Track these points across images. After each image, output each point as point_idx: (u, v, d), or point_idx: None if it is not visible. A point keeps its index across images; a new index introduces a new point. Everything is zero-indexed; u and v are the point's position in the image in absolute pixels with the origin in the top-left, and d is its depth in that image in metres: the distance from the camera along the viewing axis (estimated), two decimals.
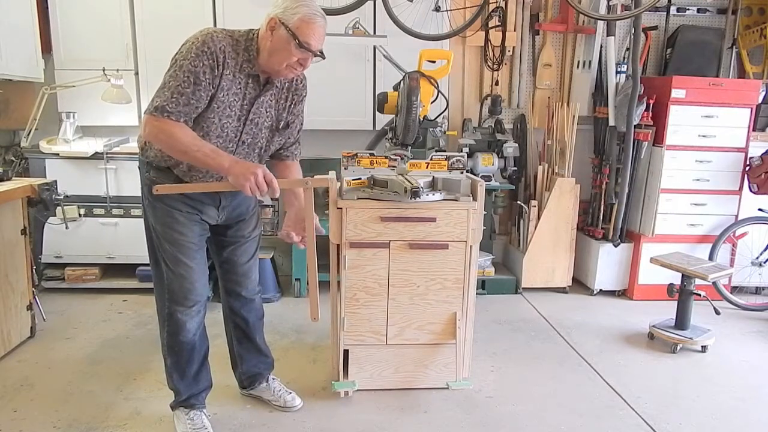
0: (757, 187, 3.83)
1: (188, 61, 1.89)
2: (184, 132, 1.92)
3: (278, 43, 1.94)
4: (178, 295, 2.15)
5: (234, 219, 2.27)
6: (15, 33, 3.43)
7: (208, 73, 1.91)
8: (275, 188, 1.94)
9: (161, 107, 1.89)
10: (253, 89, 2.04)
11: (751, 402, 2.71)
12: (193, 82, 1.89)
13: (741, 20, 4.32)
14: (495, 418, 2.49)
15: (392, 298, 2.57)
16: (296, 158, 2.33)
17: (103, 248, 3.79)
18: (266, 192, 1.92)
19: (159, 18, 3.78)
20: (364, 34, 3.83)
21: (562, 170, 4.08)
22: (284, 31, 1.91)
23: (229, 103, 1.99)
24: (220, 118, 2.00)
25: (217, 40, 1.92)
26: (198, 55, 1.89)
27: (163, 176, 2.08)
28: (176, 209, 2.08)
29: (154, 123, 1.91)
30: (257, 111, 2.08)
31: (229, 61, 1.95)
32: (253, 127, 2.09)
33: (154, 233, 2.15)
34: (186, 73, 1.89)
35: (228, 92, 1.98)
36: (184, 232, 2.10)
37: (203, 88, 1.91)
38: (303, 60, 1.97)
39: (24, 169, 3.76)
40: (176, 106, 1.89)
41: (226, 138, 2.04)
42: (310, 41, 1.93)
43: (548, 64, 4.35)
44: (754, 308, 3.90)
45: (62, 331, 3.25)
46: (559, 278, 4.14)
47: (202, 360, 2.31)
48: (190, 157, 1.94)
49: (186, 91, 1.89)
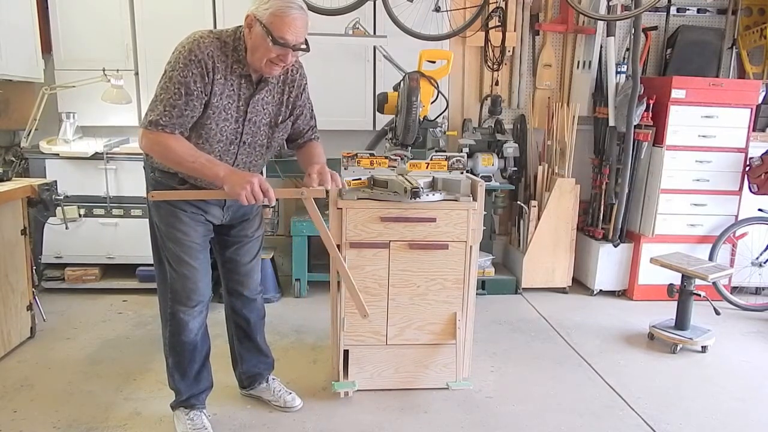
0: (757, 187, 3.83)
1: (177, 72, 1.88)
2: (179, 143, 1.92)
3: (256, 41, 1.90)
4: (180, 295, 2.15)
5: (238, 219, 2.28)
6: (15, 33, 3.43)
7: (199, 81, 1.90)
8: (271, 197, 1.93)
9: (155, 122, 1.89)
10: (246, 89, 2.03)
11: (751, 402, 2.71)
12: (184, 93, 1.88)
13: (741, 20, 4.32)
14: (495, 419, 2.49)
15: (392, 299, 2.57)
16: (317, 138, 2.32)
17: (103, 248, 3.78)
18: (262, 201, 1.91)
19: (159, 18, 3.78)
20: (364, 34, 3.83)
21: (562, 170, 4.08)
22: (260, 27, 1.88)
23: (224, 106, 1.98)
24: (218, 122, 1.99)
25: (203, 47, 1.91)
26: (186, 64, 1.88)
27: (168, 177, 2.09)
28: (180, 209, 2.08)
29: (149, 136, 1.92)
30: (254, 110, 2.07)
31: (218, 65, 1.93)
32: (252, 126, 2.09)
33: (158, 232, 2.16)
34: (176, 85, 1.88)
35: (221, 96, 1.97)
36: (187, 232, 2.10)
37: (195, 97, 1.91)
38: (282, 56, 1.91)
39: (24, 170, 3.75)
40: (170, 119, 1.89)
41: (227, 141, 2.04)
42: (285, 36, 1.86)
43: (548, 65, 4.35)
44: (754, 308, 3.89)
45: (62, 332, 3.25)
46: (559, 278, 4.14)
47: (203, 360, 2.31)
48: (187, 168, 1.94)
49: (178, 103, 1.89)
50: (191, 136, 1.99)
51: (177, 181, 2.08)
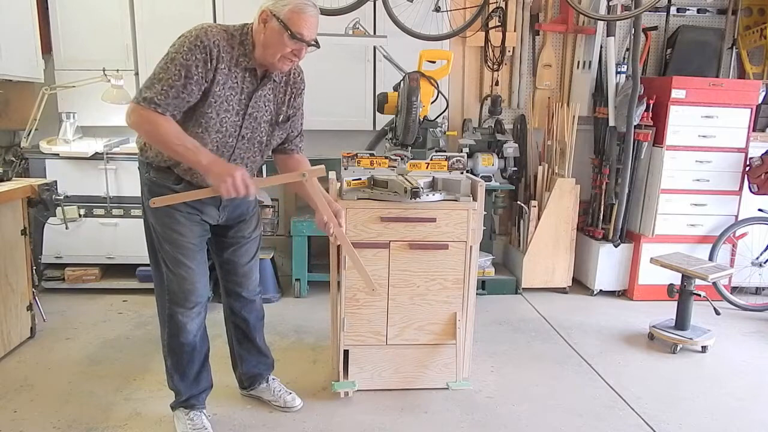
0: (757, 187, 3.83)
1: (181, 55, 1.89)
2: (169, 124, 1.91)
3: (271, 35, 1.94)
4: (178, 297, 2.15)
5: (235, 219, 2.27)
6: (15, 33, 3.43)
7: (201, 66, 1.91)
8: (251, 192, 1.93)
9: (150, 98, 1.89)
10: (250, 83, 2.04)
11: (751, 402, 2.71)
12: (184, 75, 1.89)
13: (741, 20, 4.32)
14: (495, 419, 2.49)
15: (392, 299, 2.57)
16: (301, 150, 2.32)
17: (103, 248, 3.79)
18: (243, 194, 1.90)
19: (159, 18, 3.78)
20: (364, 34, 3.83)
21: (562, 170, 4.08)
22: (276, 22, 1.91)
23: (226, 97, 1.99)
24: (218, 112, 1.99)
25: (210, 35, 1.93)
26: (191, 49, 1.89)
27: (164, 176, 2.08)
28: (176, 209, 2.07)
29: (140, 112, 1.91)
30: (255, 105, 2.07)
31: (223, 55, 1.95)
32: (252, 122, 2.09)
33: (154, 234, 2.15)
34: (178, 66, 1.89)
35: (224, 86, 1.98)
36: (184, 232, 2.10)
37: (195, 81, 1.91)
38: (297, 51, 1.96)
39: (24, 170, 3.75)
40: (165, 98, 1.89)
41: (226, 133, 2.04)
42: (302, 31, 1.92)
43: (548, 65, 4.35)
44: (754, 308, 3.90)
45: (62, 332, 3.25)
46: (559, 278, 4.14)
47: (202, 361, 2.31)
48: (171, 149, 1.93)
49: (176, 84, 1.89)
50: (190, 125, 1.99)
51: (173, 180, 2.08)
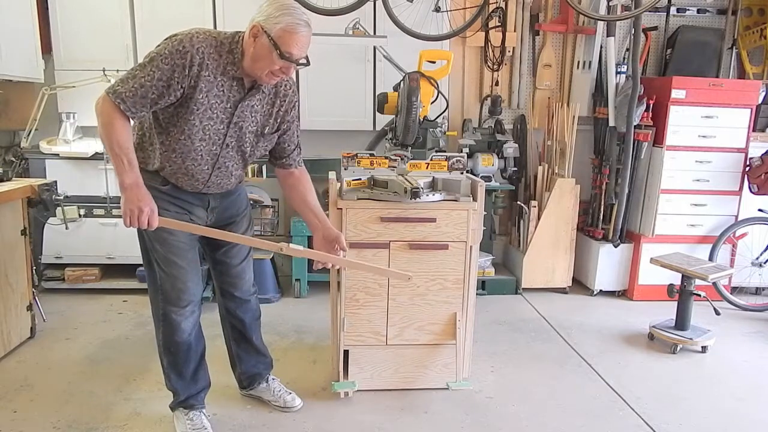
0: (757, 187, 3.83)
1: (161, 57, 1.89)
2: (123, 129, 1.92)
3: (261, 51, 1.91)
4: (171, 296, 2.15)
5: (225, 220, 2.27)
6: (15, 33, 3.43)
7: (178, 71, 1.89)
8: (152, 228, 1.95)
9: (119, 93, 1.89)
10: (237, 92, 2.02)
11: (751, 402, 2.71)
12: (157, 77, 1.88)
13: (741, 21, 4.32)
14: (495, 419, 2.49)
15: (392, 299, 2.57)
16: (300, 164, 2.31)
17: (103, 249, 3.79)
18: (143, 228, 1.93)
19: (159, 18, 3.77)
20: (364, 34, 3.83)
21: (562, 170, 4.08)
22: (266, 39, 1.89)
23: (210, 105, 1.98)
24: (202, 120, 1.98)
25: (196, 41, 1.91)
26: (171, 53, 1.89)
27: (151, 178, 2.07)
28: (165, 209, 2.07)
29: (107, 103, 1.91)
30: (241, 114, 2.05)
31: (208, 63, 1.93)
32: (237, 131, 2.07)
33: (145, 235, 2.15)
34: (154, 68, 1.89)
35: (208, 94, 1.96)
36: (174, 232, 2.09)
37: (169, 87, 1.90)
38: (285, 68, 1.95)
39: (24, 170, 3.76)
40: (133, 96, 1.89)
41: (210, 141, 2.03)
42: (291, 51, 1.90)
43: (548, 65, 4.35)
44: (754, 309, 3.89)
45: (62, 332, 3.25)
46: (559, 278, 4.14)
47: (199, 359, 2.31)
48: (110, 152, 1.93)
49: (146, 84, 1.88)
50: (174, 132, 1.98)
51: (159, 181, 2.08)
